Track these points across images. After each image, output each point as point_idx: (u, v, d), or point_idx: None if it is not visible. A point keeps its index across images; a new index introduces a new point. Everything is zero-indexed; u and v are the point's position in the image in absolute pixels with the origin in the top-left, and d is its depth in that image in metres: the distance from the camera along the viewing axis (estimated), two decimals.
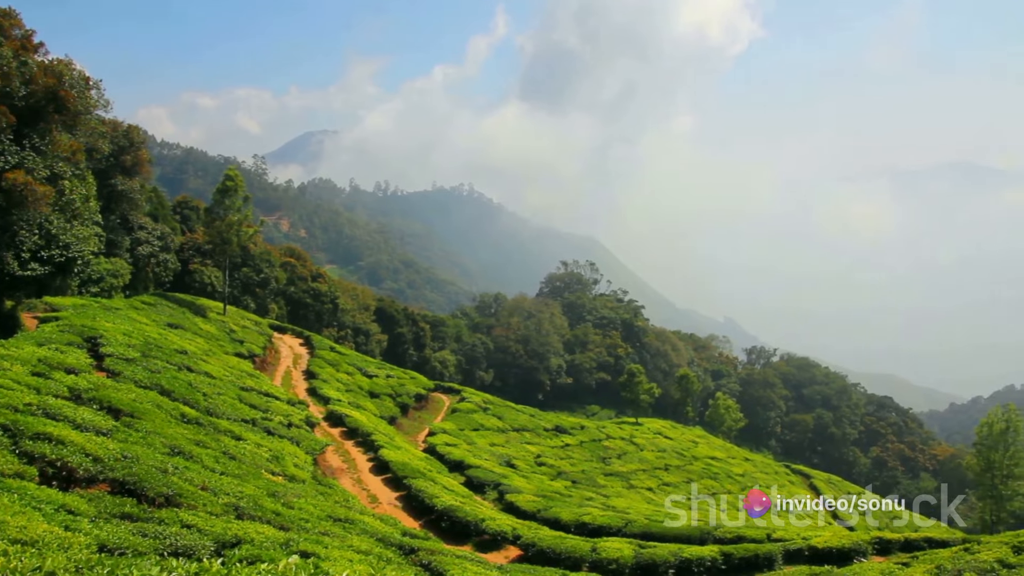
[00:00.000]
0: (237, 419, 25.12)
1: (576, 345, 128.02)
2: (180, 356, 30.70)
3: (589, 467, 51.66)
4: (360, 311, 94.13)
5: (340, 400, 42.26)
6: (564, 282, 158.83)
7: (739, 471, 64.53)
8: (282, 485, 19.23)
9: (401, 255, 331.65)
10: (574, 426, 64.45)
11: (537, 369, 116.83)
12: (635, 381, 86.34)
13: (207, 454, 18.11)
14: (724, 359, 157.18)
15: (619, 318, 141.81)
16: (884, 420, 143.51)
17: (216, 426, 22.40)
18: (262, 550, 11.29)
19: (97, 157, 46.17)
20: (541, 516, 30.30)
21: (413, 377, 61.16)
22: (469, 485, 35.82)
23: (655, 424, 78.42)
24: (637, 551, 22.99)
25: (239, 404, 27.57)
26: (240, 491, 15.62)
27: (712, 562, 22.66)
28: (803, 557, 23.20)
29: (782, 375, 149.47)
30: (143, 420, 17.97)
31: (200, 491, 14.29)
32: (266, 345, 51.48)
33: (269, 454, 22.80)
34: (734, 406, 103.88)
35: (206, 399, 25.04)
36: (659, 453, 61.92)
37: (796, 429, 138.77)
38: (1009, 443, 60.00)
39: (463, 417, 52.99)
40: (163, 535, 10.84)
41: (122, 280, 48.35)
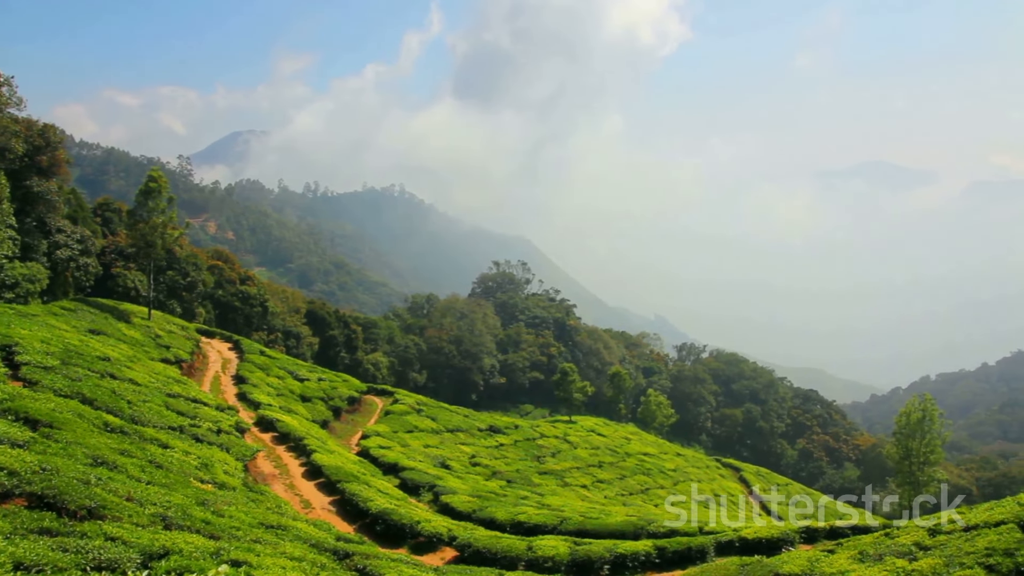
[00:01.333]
0: (164, 427, 24.43)
1: (509, 345, 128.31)
2: (103, 363, 29.73)
3: (524, 466, 51.78)
4: (291, 314, 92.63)
5: (271, 405, 41.51)
6: (496, 282, 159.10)
7: (671, 466, 65.54)
8: (212, 493, 18.78)
9: (332, 257, 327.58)
10: (508, 426, 64.55)
11: (470, 369, 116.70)
12: (568, 380, 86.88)
13: (132, 463, 17.56)
14: (655, 356, 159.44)
15: (551, 317, 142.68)
16: (810, 413, 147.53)
17: (142, 434, 21.74)
18: (191, 560, 11.00)
19: (10, 157, 44.42)
20: (477, 516, 30.25)
21: (345, 380, 60.44)
22: (404, 487, 35.56)
23: (588, 422, 79.07)
24: (572, 548, 23.13)
25: (166, 411, 26.81)
26: (168, 500, 15.18)
27: (646, 556, 22.93)
28: (734, 548, 23.65)
29: (712, 371, 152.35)
30: (63, 430, 17.33)
31: (125, 502, 13.83)
32: (193, 350, 50.23)
33: (198, 462, 22.23)
34: (665, 402, 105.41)
35: (131, 407, 24.29)
36: (593, 450, 62.44)
37: (726, 423, 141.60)
38: (925, 431, 62.29)
39: (397, 419, 52.59)
40: (85, 549, 10.42)
41: (39, 285, 46.57)
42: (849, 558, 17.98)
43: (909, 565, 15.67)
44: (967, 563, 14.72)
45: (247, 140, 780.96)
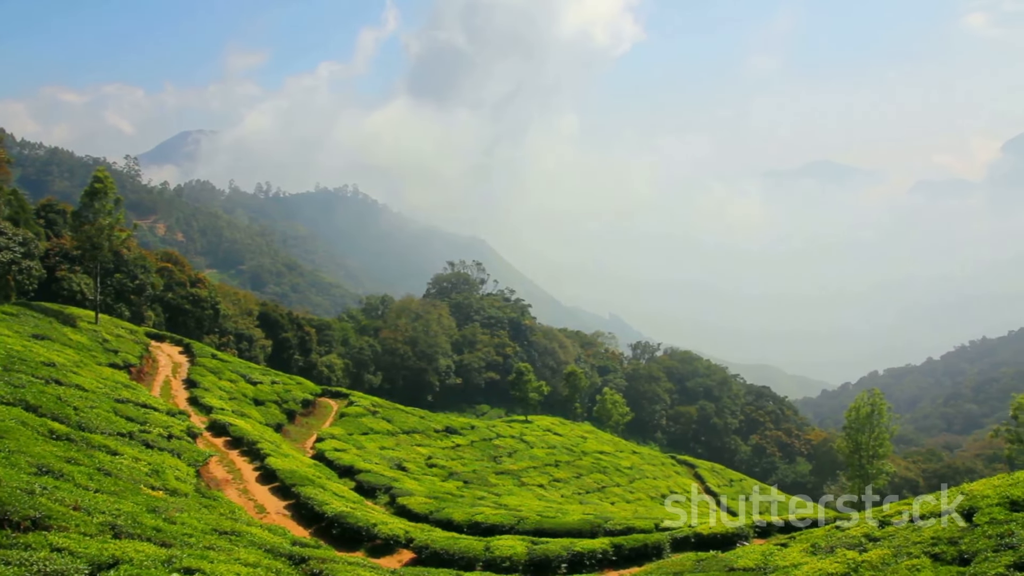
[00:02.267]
0: (112, 433, 23.90)
1: (465, 345, 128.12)
2: (47, 369, 29.00)
3: (480, 466, 51.75)
4: (243, 316, 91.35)
5: (223, 409, 40.88)
6: (451, 282, 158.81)
7: (627, 464, 66.05)
8: (163, 500, 18.42)
9: (284, 258, 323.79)
10: (464, 426, 64.46)
11: (426, 370, 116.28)
12: (524, 379, 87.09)
13: (80, 471, 17.15)
14: (610, 355, 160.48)
15: (507, 317, 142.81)
16: (762, 409, 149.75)
17: (89, 441, 21.24)
18: (142, 569, 10.78)
19: None
20: (433, 518, 30.14)
21: (299, 383, 59.79)
22: (360, 490, 35.30)
23: (545, 421, 79.34)
24: (530, 547, 23.17)
25: (114, 417, 26.24)
26: (117, 508, 14.84)
27: (603, 554, 23.08)
28: (690, 544, 23.92)
29: (666, 369, 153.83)
30: (6, 439, 16.86)
31: (72, 511, 13.49)
32: (143, 354, 49.25)
33: (148, 468, 21.79)
34: (621, 401, 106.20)
35: (77, 413, 23.71)
36: (549, 450, 62.65)
37: (681, 421, 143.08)
38: (874, 425, 63.54)
39: (352, 421, 52.19)
40: (30, 561, 10.11)
41: None
42: (802, 551, 18.30)
43: (859, 556, 15.99)
44: (914, 552, 15.06)
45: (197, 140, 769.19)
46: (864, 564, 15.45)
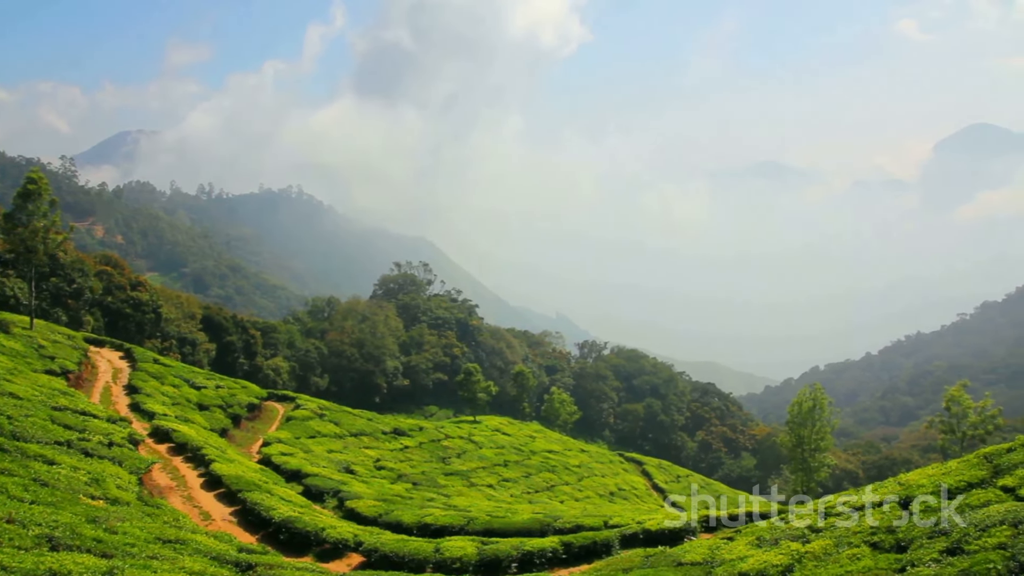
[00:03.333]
0: (49, 442, 23.23)
1: (412, 346, 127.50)
2: None
3: (429, 468, 51.58)
4: (186, 320, 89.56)
5: (166, 415, 40.05)
6: (398, 283, 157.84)
7: (575, 462, 66.45)
8: (104, 509, 17.99)
9: (228, 260, 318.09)
10: (413, 427, 64.18)
11: (373, 372, 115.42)
12: (472, 380, 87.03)
13: (14, 483, 16.65)
14: (558, 354, 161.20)
15: (454, 318, 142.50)
16: (708, 405, 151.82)
17: (24, 451, 20.62)
18: None
19: None
20: (383, 520, 29.97)
21: (245, 386, 58.86)
22: (308, 494, 34.92)
23: (493, 421, 79.40)
24: (480, 548, 23.20)
25: (51, 425, 25.51)
26: (54, 520, 14.45)
27: (553, 552, 23.22)
28: (638, 540, 24.18)
29: (613, 367, 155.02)
30: None
31: (6, 524, 13.10)
32: (81, 360, 47.93)
33: (88, 477, 21.23)
34: (569, 399, 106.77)
35: (11, 422, 23.00)
36: (498, 450, 62.72)
37: (628, 418, 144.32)
38: (816, 419, 64.97)
39: (299, 425, 51.58)
40: None
41: None
42: (747, 544, 18.63)
43: (802, 547, 16.35)
44: (854, 542, 15.46)
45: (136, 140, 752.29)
46: (807, 555, 15.81)
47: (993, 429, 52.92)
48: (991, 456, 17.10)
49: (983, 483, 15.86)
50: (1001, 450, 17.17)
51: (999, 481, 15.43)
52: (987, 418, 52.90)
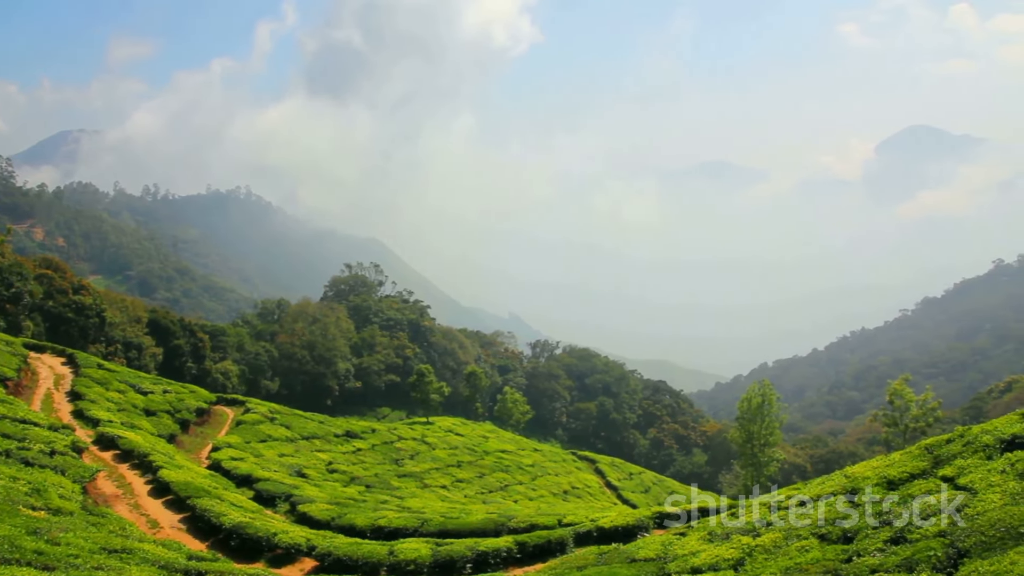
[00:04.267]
0: None
1: (364, 348, 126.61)
2: None
3: (382, 470, 51.28)
4: (131, 324, 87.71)
5: (112, 421, 39.16)
6: (349, 285, 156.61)
7: (529, 462, 66.60)
8: (45, 520, 17.53)
9: (175, 263, 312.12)
10: (365, 430, 63.70)
11: (325, 375, 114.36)
12: (424, 381, 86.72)
13: None
14: (510, 354, 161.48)
15: (406, 319, 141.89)
16: (660, 403, 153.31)
17: None
18: None
19: None
20: (336, 524, 29.72)
21: (193, 391, 57.85)
22: (259, 499, 34.46)
23: (446, 422, 79.23)
24: (434, 549, 23.14)
25: None
26: None
27: (508, 552, 23.24)
28: (592, 538, 24.32)
29: (565, 366, 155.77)
30: None
31: None
32: (20, 367, 46.60)
33: (28, 487, 20.67)
34: (521, 399, 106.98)
35: None
36: (451, 450, 62.60)
37: (581, 417, 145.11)
38: (765, 415, 66.11)
39: (249, 429, 50.86)
40: None
41: None
42: (699, 539, 18.89)
43: (753, 541, 16.63)
44: (803, 534, 15.77)
45: (77, 139, 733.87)
46: (757, 548, 16.08)
47: (933, 421, 54.45)
48: (931, 447, 17.58)
49: (924, 474, 16.30)
50: (941, 441, 17.67)
51: (939, 471, 15.87)
52: (928, 411, 54.40)
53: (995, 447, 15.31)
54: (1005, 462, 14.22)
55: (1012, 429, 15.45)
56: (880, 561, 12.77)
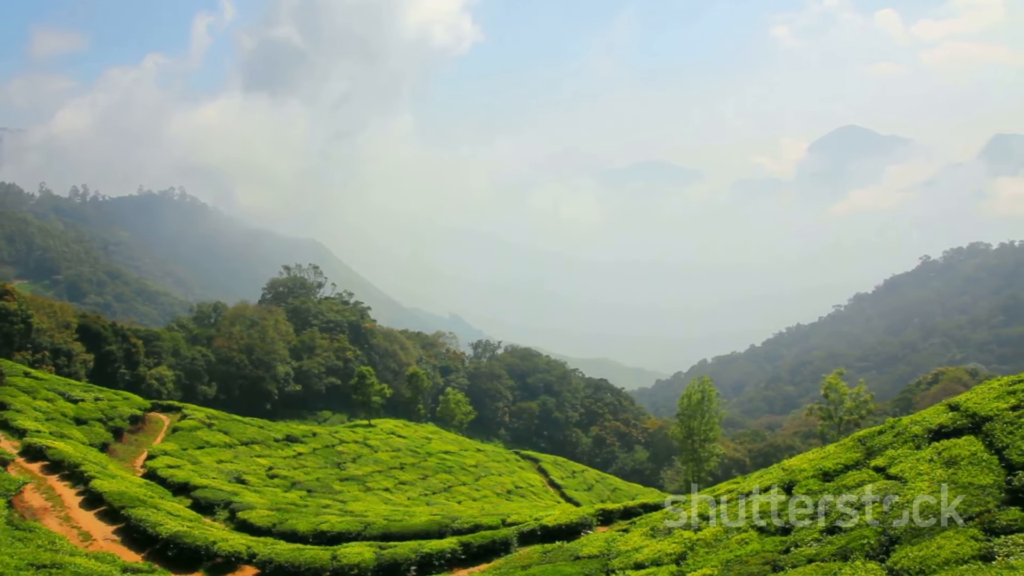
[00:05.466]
0: None
1: (303, 351, 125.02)
2: None
3: (324, 474, 50.70)
4: (60, 330, 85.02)
5: (39, 431, 37.92)
6: (287, 287, 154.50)
7: (472, 462, 66.54)
8: None
9: (106, 266, 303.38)
10: (306, 434, 62.88)
11: (264, 378, 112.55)
12: (366, 383, 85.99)
13: None
14: (452, 355, 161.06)
15: (346, 321, 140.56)
16: (601, 401, 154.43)
17: None
18: None
19: None
20: (277, 530, 29.27)
21: (127, 398, 56.36)
22: (197, 507, 33.73)
23: (388, 424, 78.73)
24: (378, 553, 22.97)
25: None
26: None
27: (452, 553, 23.21)
28: (537, 537, 24.42)
29: (507, 366, 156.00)
30: None
31: None
32: None
33: None
34: (464, 400, 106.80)
35: None
36: (394, 453, 62.20)
37: (523, 416, 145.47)
38: (705, 411, 67.28)
39: (186, 435, 49.79)
40: None
41: None
42: (642, 535, 19.11)
43: (694, 535, 16.88)
44: (743, 527, 16.07)
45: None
46: (699, 542, 16.33)
47: (866, 413, 56.03)
48: (864, 439, 18.08)
49: (858, 465, 16.76)
50: (873, 433, 18.18)
51: (871, 462, 16.33)
52: (861, 403, 55.96)
53: (923, 437, 15.81)
54: (933, 451, 14.70)
55: (939, 419, 15.97)
56: (816, 551, 13.09)
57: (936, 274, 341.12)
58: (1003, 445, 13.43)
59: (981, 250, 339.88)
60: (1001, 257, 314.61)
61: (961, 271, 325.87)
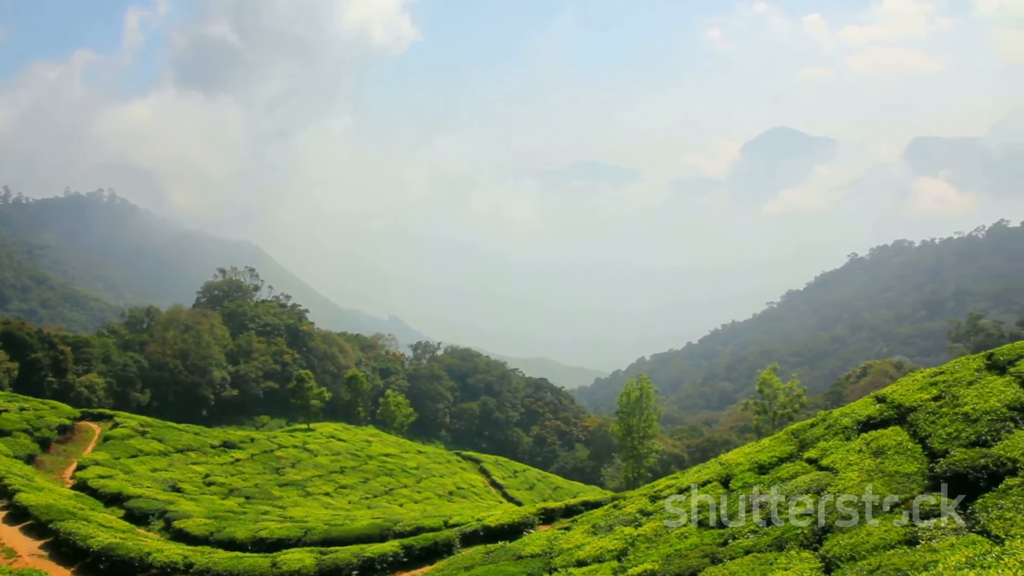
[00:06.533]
0: None
1: (240, 355, 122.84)
2: None
3: (263, 480, 49.90)
4: None
5: None
6: (223, 290, 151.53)
7: (413, 464, 66.23)
8: None
9: (30, 271, 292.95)
10: (244, 439, 61.81)
11: (200, 384, 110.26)
12: (304, 387, 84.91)
13: None
14: (391, 357, 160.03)
15: (283, 324, 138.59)
16: (541, 400, 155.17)
17: None
18: None
19: None
20: (215, 538, 28.72)
21: (54, 407, 54.67)
22: (131, 518, 32.89)
23: (328, 428, 77.83)
24: (319, 558, 22.74)
25: None
26: None
27: (394, 556, 23.10)
28: (479, 537, 24.46)
29: (447, 367, 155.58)
30: None
31: None
32: None
33: None
34: (404, 402, 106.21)
35: None
36: (334, 457, 61.55)
37: (464, 417, 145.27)
38: (643, 408, 68.11)
39: (118, 444, 48.49)
40: None
41: None
42: (583, 532, 19.28)
43: (635, 531, 17.10)
44: (682, 521, 16.34)
45: None
46: (639, 538, 16.55)
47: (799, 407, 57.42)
48: (797, 432, 18.56)
49: (791, 457, 17.20)
50: (805, 426, 18.67)
51: (805, 454, 16.77)
52: (794, 398, 57.33)
53: (853, 428, 16.32)
54: (862, 442, 15.18)
55: (867, 411, 16.50)
56: (753, 542, 13.40)
57: (864, 271, 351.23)
58: (926, 434, 13.95)
59: (905, 248, 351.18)
60: (923, 254, 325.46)
61: (887, 268, 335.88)
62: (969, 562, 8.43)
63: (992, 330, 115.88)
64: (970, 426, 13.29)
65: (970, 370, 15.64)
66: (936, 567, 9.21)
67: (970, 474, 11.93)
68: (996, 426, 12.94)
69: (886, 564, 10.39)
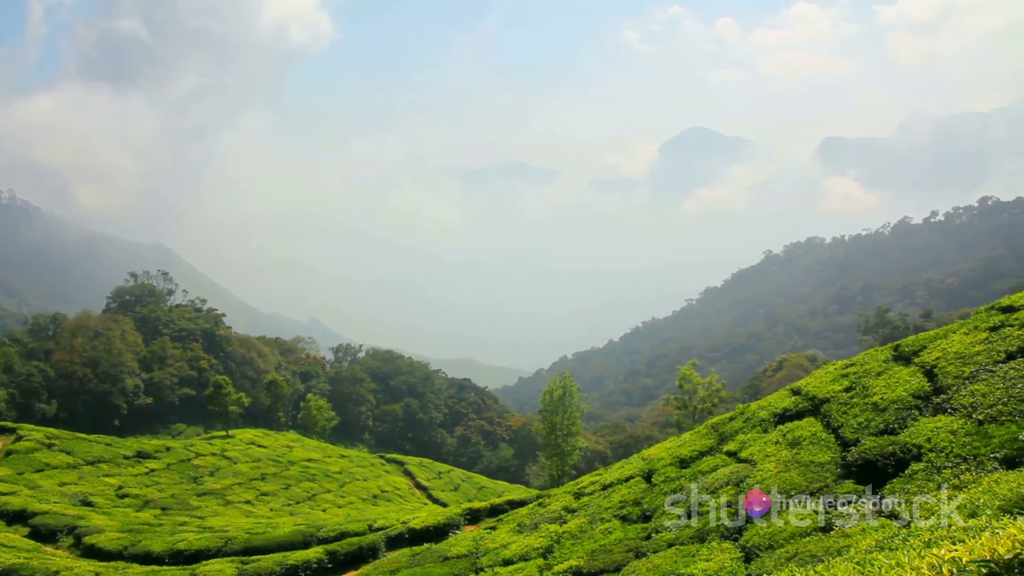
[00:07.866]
0: None
1: (154, 362, 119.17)
2: None
3: (179, 490, 48.49)
4: None
5: None
6: (134, 295, 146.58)
7: (336, 468, 65.38)
8: None
9: None
10: (159, 448, 59.94)
11: (111, 393, 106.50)
12: (222, 393, 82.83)
13: None
14: (312, 360, 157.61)
15: (199, 329, 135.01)
16: (465, 400, 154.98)
17: None
18: None
19: None
20: (129, 553, 27.76)
21: None
22: (36, 535, 31.51)
23: (247, 434, 76.15)
24: (240, 568, 22.22)
25: None
26: None
27: (318, 563, 22.76)
28: (405, 540, 24.29)
29: (369, 369, 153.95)
30: None
31: None
32: None
33: None
34: (326, 406, 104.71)
35: None
36: (254, 463, 60.26)
37: (387, 420, 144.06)
38: (567, 406, 68.65)
39: (22, 459, 46.40)
40: None
41: None
42: (509, 531, 19.32)
43: (560, 528, 17.21)
44: (606, 517, 16.51)
45: None
46: (565, 535, 16.66)
47: (719, 401, 58.75)
48: (717, 426, 18.97)
49: (712, 450, 17.57)
50: (725, 420, 19.11)
51: (724, 447, 17.15)
52: (713, 392, 58.59)
53: (770, 421, 16.76)
54: (778, 434, 15.61)
55: (783, 404, 16.98)
56: (676, 535, 13.62)
57: (778, 267, 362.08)
58: (838, 424, 14.43)
59: (817, 244, 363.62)
60: (834, 250, 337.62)
61: (800, 264, 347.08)
62: (879, 545, 8.72)
63: (898, 323, 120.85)
64: (879, 415, 13.79)
65: (878, 361, 16.24)
66: (848, 551, 9.52)
67: (879, 461, 12.40)
68: (903, 414, 13.47)
69: (802, 551, 10.71)
